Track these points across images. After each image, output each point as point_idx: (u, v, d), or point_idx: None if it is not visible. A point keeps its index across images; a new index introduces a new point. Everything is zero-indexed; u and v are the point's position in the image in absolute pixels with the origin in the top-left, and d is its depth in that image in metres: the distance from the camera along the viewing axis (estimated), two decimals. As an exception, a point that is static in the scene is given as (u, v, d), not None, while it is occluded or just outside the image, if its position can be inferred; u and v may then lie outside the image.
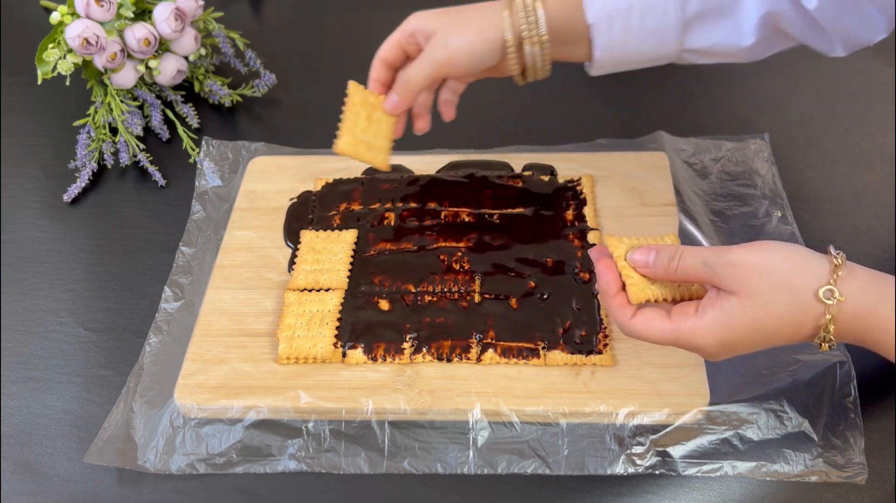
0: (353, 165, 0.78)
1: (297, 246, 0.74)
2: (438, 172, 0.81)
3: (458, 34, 0.66)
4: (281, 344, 0.66)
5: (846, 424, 0.60)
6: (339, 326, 0.67)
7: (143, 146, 0.86)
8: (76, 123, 0.88)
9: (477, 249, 0.72)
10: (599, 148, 0.82)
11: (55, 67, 0.83)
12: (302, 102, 0.94)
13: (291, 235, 0.76)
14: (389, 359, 0.65)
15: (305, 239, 0.74)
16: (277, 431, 0.62)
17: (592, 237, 0.73)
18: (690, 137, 0.83)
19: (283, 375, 0.65)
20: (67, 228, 0.81)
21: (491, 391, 0.63)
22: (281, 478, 0.61)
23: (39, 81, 0.83)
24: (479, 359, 0.65)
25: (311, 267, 0.72)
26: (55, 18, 0.83)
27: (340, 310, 0.68)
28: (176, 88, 0.93)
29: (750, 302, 0.51)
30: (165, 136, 0.89)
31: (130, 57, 0.86)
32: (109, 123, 0.87)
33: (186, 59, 0.91)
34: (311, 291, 0.70)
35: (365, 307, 0.69)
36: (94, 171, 0.85)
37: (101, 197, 0.84)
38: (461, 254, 0.72)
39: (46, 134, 0.92)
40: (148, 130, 0.90)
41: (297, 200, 0.79)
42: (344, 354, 0.66)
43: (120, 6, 0.84)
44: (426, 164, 0.82)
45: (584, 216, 0.75)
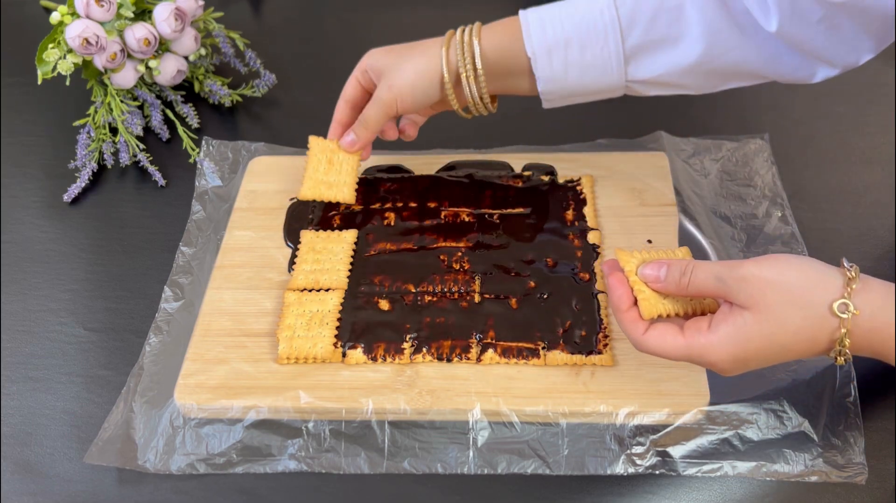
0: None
1: (297, 246, 0.74)
2: (438, 172, 0.81)
3: (400, 75, 0.69)
4: (281, 344, 0.66)
5: (846, 424, 0.60)
6: (339, 326, 0.67)
7: (143, 146, 0.86)
8: (76, 123, 0.88)
9: (477, 249, 0.72)
10: (599, 148, 0.82)
11: (55, 67, 0.83)
12: (302, 102, 0.94)
13: (291, 235, 0.76)
14: (389, 359, 0.65)
15: (305, 239, 0.74)
16: (277, 431, 0.62)
17: (592, 237, 0.73)
18: (690, 137, 0.83)
19: (283, 375, 0.65)
20: (67, 228, 0.81)
21: (491, 391, 0.63)
22: (281, 478, 0.61)
23: (39, 81, 0.83)
24: (479, 359, 0.65)
25: (311, 267, 0.72)
26: (55, 18, 0.83)
27: (340, 310, 0.68)
28: (176, 88, 0.93)
29: (764, 317, 0.51)
30: (165, 136, 0.89)
31: (130, 57, 0.86)
32: (109, 123, 0.88)
33: (186, 59, 0.91)
34: (311, 291, 0.70)
35: (365, 307, 0.69)
36: (94, 171, 0.85)
37: (101, 197, 0.84)
38: (461, 254, 0.72)
39: (46, 134, 0.92)
40: (148, 130, 0.90)
41: (297, 200, 0.79)
42: (344, 354, 0.66)
43: (120, 6, 0.84)
44: (426, 164, 0.82)
45: (584, 216, 0.75)
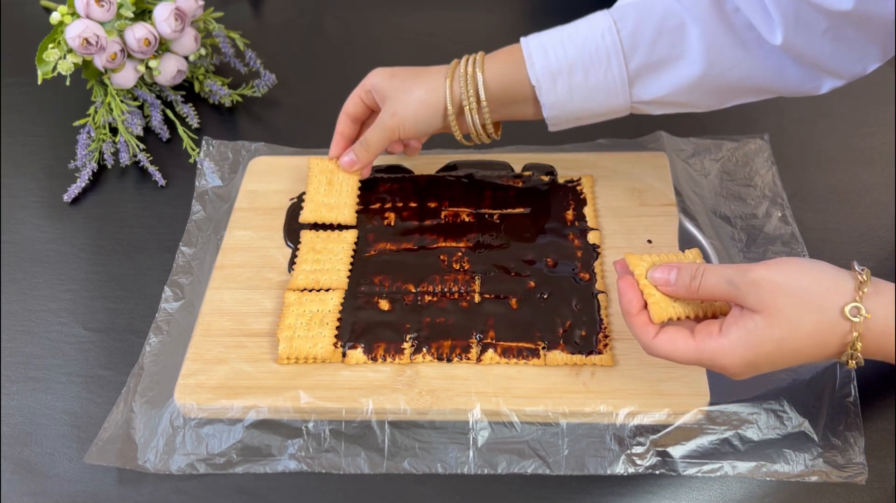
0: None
1: (297, 246, 0.74)
2: (438, 172, 0.81)
3: (403, 104, 0.70)
4: (281, 344, 0.66)
5: (846, 424, 0.60)
6: (339, 326, 0.67)
7: (143, 146, 0.86)
8: (76, 123, 0.88)
9: (477, 249, 0.72)
10: (599, 148, 0.82)
11: (55, 67, 0.83)
12: (302, 102, 0.94)
13: (291, 235, 0.76)
14: (389, 359, 0.65)
15: (305, 239, 0.74)
16: (277, 431, 0.62)
17: (592, 237, 0.73)
18: (690, 137, 0.83)
19: (283, 375, 0.65)
20: (67, 228, 0.81)
21: (491, 391, 0.63)
22: (281, 478, 0.61)
23: (39, 81, 0.83)
24: (479, 359, 0.65)
25: (311, 267, 0.72)
26: (55, 18, 0.83)
27: (340, 310, 0.68)
28: (176, 88, 0.93)
29: (775, 321, 0.50)
30: (165, 136, 0.89)
31: (130, 57, 0.86)
32: (109, 123, 0.87)
33: (186, 59, 0.91)
34: (311, 291, 0.70)
35: (365, 307, 0.69)
36: (94, 171, 0.85)
37: (101, 197, 0.84)
38: (461, 254, 0.72)
39: (46, 134, 0.92)
40: (148, 130, 0.90)
41: (297, 200, 0.79)
42: (344, 354, 0.66)
43: (120, 6, 0.84)
44: (426, 164, 0.82)
45: (584, 216, 0.75)
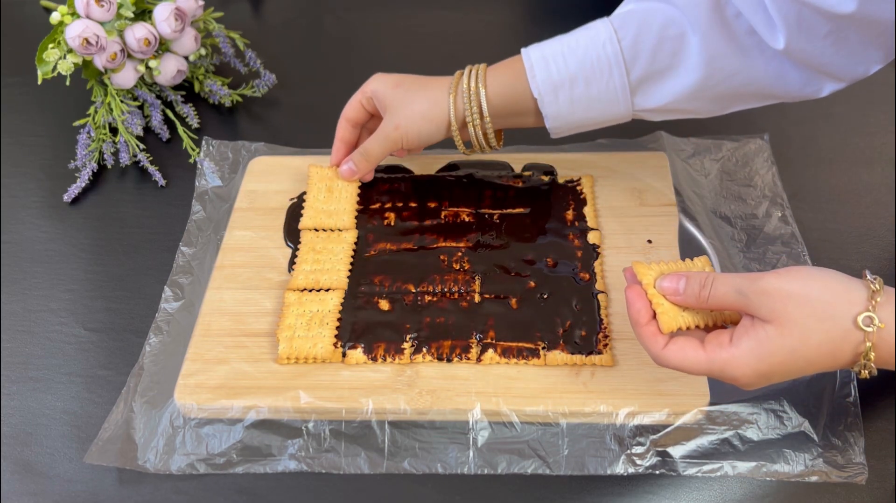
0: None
1: (297, 246, 0.74)
2: (438, 172, 0.81)
3: (407, 118, 0.70)
4: (281, 344, 0.66)
5: (846, 424, 0.60)
6: (339, 326, 0.67)
7: (143, 146, 0.86)
8: (76, 123, 0.88)
9: (477, 249, 0.72)
10: (599, 148, 0.82)
11: (55, 67, 0.83)
12: (302, 102, 0.94)
13: (291, 235, 0.76)
14: (389, 359, 0.65)
15: (305, 239, 0.74)
16: (277, 431, 0.62)
17: (592, 237, 0.73)
18: (690, 137, 0.83)
19: (283, 375, 0.65)
20: (67, 228, 0.81)
21: (491, 391, 0.63)
22: (281, 478, 0.61)
23: (39, 81, 0.83)
24: (479, 359, 0.65)
25: (311, 267, 0.72)
26: (55, 18, 0.83)
27: (340, 310, 0.68)
28: (176, 88, 0.93)
29: (787, 331, 0.50)
30: (165, 136, 0.89)
31: (130, 57, 0.86)
32: (109, 123, 0.87)
33: (186, 59, 0.91)
34: (311, 291, 0.70)
35: (365, 307, 0.69)
36: (94, 171, 0.85)
37: (101, 197, 0.84)
38: (461, 254, 0.72)
39: (46, 134, 0.91)
40: (148, 130, 0.90)
41: (297, 200, 0.79)
42: (344, 354, 0.66)
43: (120, 6, 0.84)
44: (426, 164, 0.82)
45: (584, 216, 0.75)
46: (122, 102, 0.87)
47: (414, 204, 0.77)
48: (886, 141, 0.84)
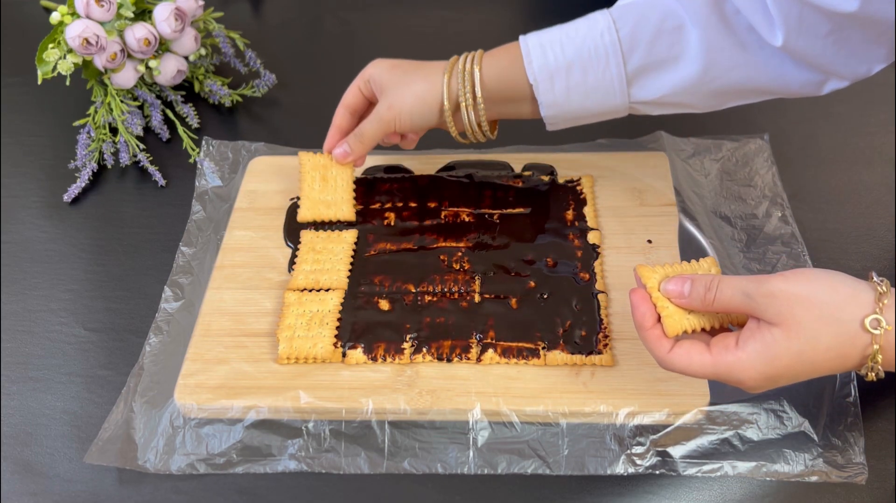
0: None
1: (297, 246, 0.74)
2: (438, 172, 0.81)
3: (400, 97, 0.70)
4: (281, 344, 0.66)
5: (846, 424, 0.60)
6: (339, 326, 0.67)
7: (143, 146, 0.86)
8: (76, 123, 0.88)
9: (477, 249, 0.72)
10: (599, 148, 0.82)
11: (55, 67, 0.83)
12: (302, 102, 0.94)
13: (291, 235, 0.76)
14: (389, 359, 0.65)
15: (305, 239, 0.74)
16: (277, 431, 0.62)
17: (592, 237, 0.73)
18: (690, 137, 0.83)
19: (283, 375, 0.65)
20: (67, 228, 0.81)
21: (491, 391, 0.63)
22: (281, 478, 0.61)
23: (39, 81, 0.83)
24: (479, 359, 0.65)
25: (311, 267, 0.72)
26: (55, 18, 0.83)
27: (340, 310, 0.68)
28: (176, 88, 0.93)
29: (793, 334, 0.49)
30: (165, 136, 0.89)
31: (130, 57, 0.86)
32: (109, 123, 0.88)
33: (186, 59, 0.91)
34: (311, 291, 0.70)
35: (365, 307, 0.69)
36: (94, 171, 0.85)
37: (101, 197, 0.84)
38: (461, 254, 0.72)
39: (46, 134, 0.92)
40: (148, 130, 0.90)
41: (296, 200, 0.79)
42: (344, 354, 0.66)
43: (120, 6, 0.84)
44: (426, 164, 0.82)
45: (584, 216, 0.75)
46: (122, 102, 0.87)
47: (414, 204, 0.77)
48: (886, 141, 0.84)
